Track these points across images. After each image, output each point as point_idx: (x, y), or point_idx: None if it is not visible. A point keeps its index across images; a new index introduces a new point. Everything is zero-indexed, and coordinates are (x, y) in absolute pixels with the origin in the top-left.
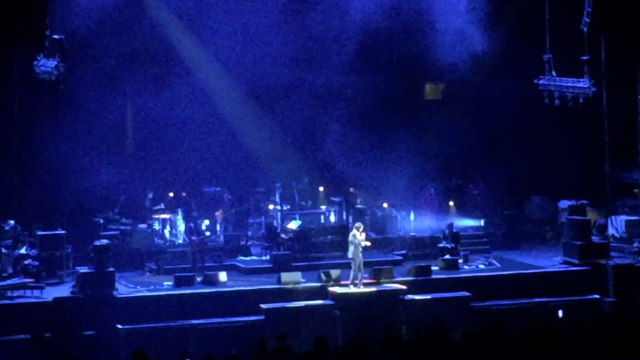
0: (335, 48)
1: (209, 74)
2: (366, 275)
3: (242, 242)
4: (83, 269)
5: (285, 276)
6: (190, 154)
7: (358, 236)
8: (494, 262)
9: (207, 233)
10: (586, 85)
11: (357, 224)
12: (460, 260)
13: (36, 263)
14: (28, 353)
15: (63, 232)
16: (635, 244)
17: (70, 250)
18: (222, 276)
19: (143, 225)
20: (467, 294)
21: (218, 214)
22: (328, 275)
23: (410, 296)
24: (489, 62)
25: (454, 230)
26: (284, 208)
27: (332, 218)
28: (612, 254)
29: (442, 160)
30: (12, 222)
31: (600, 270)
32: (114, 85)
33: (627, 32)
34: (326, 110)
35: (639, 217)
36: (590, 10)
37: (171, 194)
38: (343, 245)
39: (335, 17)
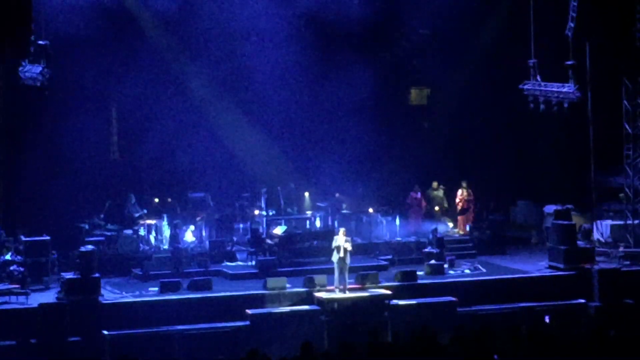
0: (323, 53)
1: (194, 79)
2: (352, 280)
3: (228, 248)
4: (68, 275)
5: (271, 281)
6: (176, 160)
7: (339, 240)
8: (480, 267)
9: (193, 239)
10: (571, 90)
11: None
12: (446, 265)
13: (21, 269)
14: (13, 359)
15: (48, 238)
16: (621, 249)
17: (55, 256)
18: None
19: (128, 231)
20: (453, 299)
21: (198, 218)
22: (314, 281)
23: (396, 301)
24: (474, 67)
25: (438, 235)
26: (270, 213)
27: (318, 223)
28: (598, 258)
29: (427, 165)
30: None
31: (586, 275)
32: (99, 90)
33: (612, 37)
34: (311, 116)
35: (624, 221)
36: (575, 15)
37: (157, 200)
38: (329, 251)
39: (321, 22)
